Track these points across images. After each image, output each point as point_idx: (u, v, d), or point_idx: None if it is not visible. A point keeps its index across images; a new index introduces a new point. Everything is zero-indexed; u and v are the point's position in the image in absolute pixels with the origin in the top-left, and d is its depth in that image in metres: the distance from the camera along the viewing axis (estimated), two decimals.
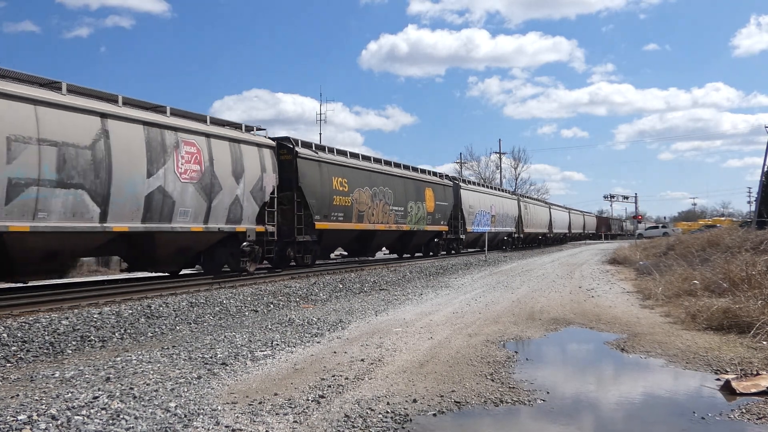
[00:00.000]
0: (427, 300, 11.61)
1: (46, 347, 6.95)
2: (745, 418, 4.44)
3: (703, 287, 10.29)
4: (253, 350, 6.71)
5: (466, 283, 15.32)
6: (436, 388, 5.17)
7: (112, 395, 4.83)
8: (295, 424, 4.24)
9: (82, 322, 8.07)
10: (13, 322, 7.76)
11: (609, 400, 5.17)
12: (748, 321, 7.33)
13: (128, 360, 6.27)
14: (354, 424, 4.26)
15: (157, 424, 4.14)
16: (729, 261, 11.20)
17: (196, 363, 6.09)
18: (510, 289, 13.39)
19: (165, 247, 12.74)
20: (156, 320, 8.73)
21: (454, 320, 8.90)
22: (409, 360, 6.23)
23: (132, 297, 10.64)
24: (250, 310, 10.21)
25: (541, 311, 9.85)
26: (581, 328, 8.52)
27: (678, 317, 8.76)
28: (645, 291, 12.04)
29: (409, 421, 4.37)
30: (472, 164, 68.06)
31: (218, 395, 4.92)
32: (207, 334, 7.87)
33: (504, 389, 5.18)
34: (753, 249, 13.21)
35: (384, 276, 16.18)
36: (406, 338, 7.43)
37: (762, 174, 36.56)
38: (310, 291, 12.55)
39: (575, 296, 11.99)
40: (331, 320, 8.90)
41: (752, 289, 8.62)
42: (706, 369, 5.88)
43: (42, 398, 4.80)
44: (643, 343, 7.12)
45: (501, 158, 65.05)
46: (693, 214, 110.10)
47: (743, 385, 5.05)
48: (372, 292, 13.19)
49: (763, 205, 33.95)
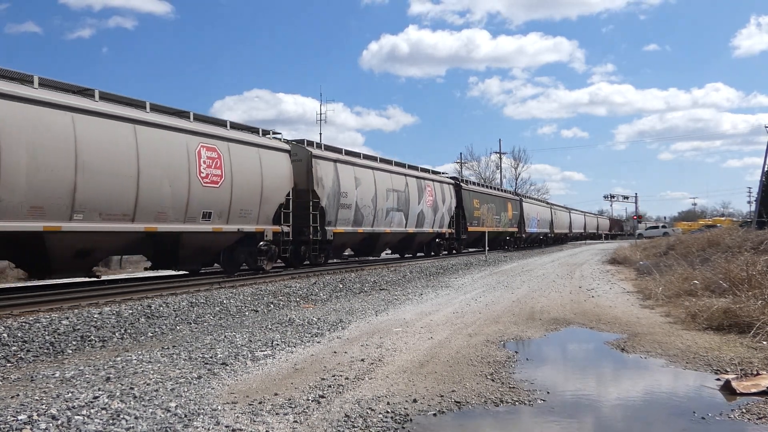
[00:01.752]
0: (427, 300, 11.60)
1: (47, 347, 6.95)
2: (745, 418, 4.44)
3: (703, 287, 10.29)
4: (254, 350, 6.71)
5: (466, 283, 15.32)
6: (436, 388, 5.17)
7: (112, 395, 4.83)
8: (295, 424, 4.24)
9: (83, 322, 8.08)
10: (14, 322, 7.76)
11: (609, 400, 5.17)
12: (748, 321, 7.33)
13: (128, 360, 6.27)
14: (354, 424, 4.26)
15: (158, 424, 4.14)
16: (729, 261, 11.20)
17: (197, 363, 6.09)
18: (510, 289, 13.38)
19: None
20: (156, 320, 8.73)
21: (455, 320, 8.90)
22: (410, 360, 6.23)
23: (132, 297, 10.64)
24: (251, 310, 10.21)
25: (542, 311, 9.85)
26: (581, 328, 8.52)
27: (678, 317, 8.75)
28: (645, 291, 12.04)
29: (409, 421, 4.37)
30: (472, 164, 68.18)
31: (218, 395, 4.92)
32: (207, 334, 7.87)
33: (504, 389, 5.18)
34: (753, 249, 13.22)
35: (384, 276, 16.18)
36: (407, 338, 7.43)
37: (762, 174, 36.56)
38: (311, 291, 12.55)
39: (575, 296, 11.99)
40: (331, 320, 8.90)
41: (752, 289, 8.62)
42: (706, 369, 5.88)
43: (42, 398, 4.80)
44: (643, 343, 7.11)
45: (501, 158, 65.14)
46: (693, 214, 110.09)
47: (743, 385, 5.05)
48: (372, 292, 13.18)
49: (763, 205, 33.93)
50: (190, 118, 13.32)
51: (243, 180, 14.24)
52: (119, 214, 11.26)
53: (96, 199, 10.74)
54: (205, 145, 13.21)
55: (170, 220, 12.40)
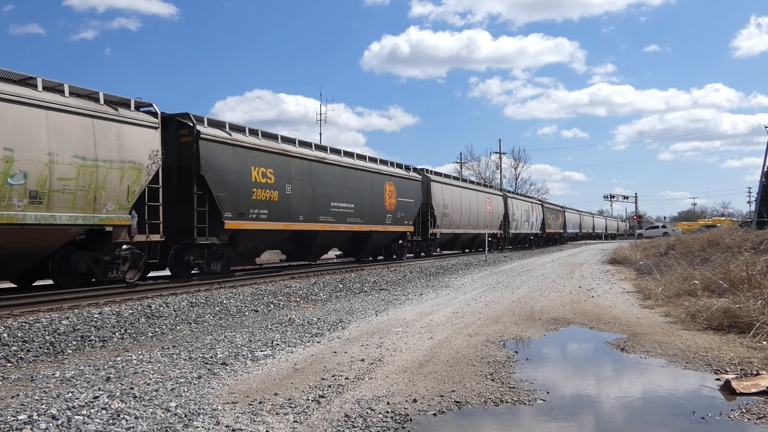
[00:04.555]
0: (427, 300, 11.61)
1: (47, 347, 6.95)
2: (745, 418, 4.44)
3: (703, 287, 10.30)
4: (254, 350, 6.71)
5: (466, 283, 15.32)
6: (436, 388, 5.17)
7: (112, 395, 4.83)
8: (295, 424, 4.24)
9: (83, 322, 8.08)
10: (14, 322, 7.76)
11: (609, 400, 5.17)
12: (748, 321, 7.33)
13: (128, 360, 6.27)
14: (354, 423, 4.26)
15: (158, 424, 4.14)
16: (729, 261, 11.22)
17: (197, 363, 6.09)
18: (510, 289, 13.39)
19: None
20: (156, 320, 8.73)
21: (454, 320, 8.90)
22: (410, 360, 6.23)
23: (132, 297, 10.64)
24: (250, 310, 10.21)
25: (541, 311, 9.85)
26: (581, 328, 8.52)
27: (678, 317, 8.76)
28: (645, 291, 12.04)
29: (409, 420, 4.37)
30: (472, 164, 68.12)
31: (218, 395, 4.92)
32: (207, 334, 7.87)
33: (504, 389, 5.18)
34: (753, 249, 13.23)
35: (384, 276, 16.19)
36: (407, 338, 7.44)
37: (762, 174, 36.52)
38: (310, 291, 12.56)
39: (575, 296, 11.99)
40: (331, 320, 8.90)
41: (752, 289, 8.63)
42: (706, 369, 5.88)
43: (42, 398, 4.80)
44: (643, 343, 7.12)
45: (501, 158, 65.06)
46: (693, 214, 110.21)
47: (743, 385, 5.05)
48: (372, 292, 13.19)
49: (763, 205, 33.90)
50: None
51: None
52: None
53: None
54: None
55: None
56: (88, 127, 10.75)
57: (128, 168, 11.44)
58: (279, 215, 15.53)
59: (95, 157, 10.81)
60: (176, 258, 13.55)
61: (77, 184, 10.49)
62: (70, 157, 10.36)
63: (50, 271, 11.22)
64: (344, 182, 18.72)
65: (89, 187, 10.69)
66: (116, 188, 11.22)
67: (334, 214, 18.00)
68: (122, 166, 11.30)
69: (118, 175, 11.24)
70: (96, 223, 10.90)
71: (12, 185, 9.50)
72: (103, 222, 11.01)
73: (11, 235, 9.64)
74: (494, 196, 34.93)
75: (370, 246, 21.48)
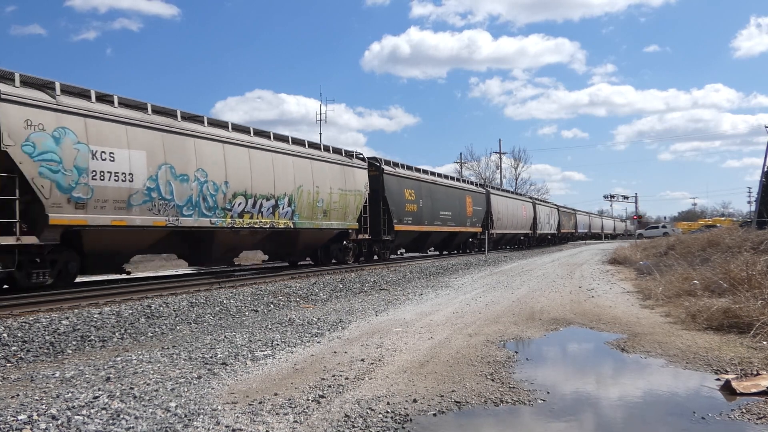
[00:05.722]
0: (427, 300, 11.60)
1: (47, 347, 6.95)
2: (745, 418, 4.44)
3: (703, 287, 10.29)
4: (254, 350, 6.71)
5: (466, 283, 15.32)
6: (436, 388, 5.17)
7: (112, 395, 4.83)
8: (295, 424, 4.24)
9: (82, 322, 8.07)
10: (14, 322, 7.76)
11: (609, 400, 5.17)
12: (748, 321, 7.32)
13: (128, 360, 6.27)
14: (354, 423, 4.25)
15: (158, 424, 4.14)
16: (729, 261, 11.20)
17: (197, 363, 6.09)
18: (510, 289, 13.38)
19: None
20: (156, 320, 8.73)
21: (454, 320, 8.89)
22: (410, 360, 6.23)
23: (132, 297, 10.64)
24: (250, 310, 10.21)
25: (542, 311, 9.85)
26: (581, 328, 8.51)
27: (678, 317, 8.75)
28: (645, 291, 12.03)
29: (409, 421, 4.37)
30: (472, 164, 68.07)
31: (218, 395, 4.92)
32: (207, 334, 7.87)
33: (504, 389, 5.18)
34: (753, 249, 13.22)
35: (384, 276, 16.18)
36: (407, 338, 7.43)
37: (762, 174, 36.50)
38: (310, 291, 12.55)
39: (575, 296, 11.98)
40: (331, 320, 8.89)
41: (752, 289, 8.61)
42: (706, 369, 5.87)
43: (42, 398, 4.80)
44: (643, 343, 7.11)
45: (501, 158, 65.13)
46: (693, 214, 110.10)
47: (743, 385, 5.05)
48: (372, 292, 13.18)
49: (763, 205, 33.89)
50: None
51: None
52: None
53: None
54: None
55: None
56: (341, 170, 19.28)
57: (356, 194, 19.91)
58: (416, 221, 24.02)
59: (345, 188, 19.28)
60: (369, 249, 21.75)
61: (339, 205, 18.86)
62: (337, 189, 18.85)
63: (318, 254, 19.59)
64: (446, 197, 27.36)
65: (343, 206, 19.10)
66: (352, 207, 19.68)
67: (442, 219, 26.53)
68: (355, 193, 19.86)
69: (353, 199, 19.77)
70: (345, 228, 19.37)
71: (318, 206, 17.86)
72: (348, 226, 19.50)
73: (316, 233, 18.31)
74: (527, 203, 42.15)
75: (456, 242, 30.05)
